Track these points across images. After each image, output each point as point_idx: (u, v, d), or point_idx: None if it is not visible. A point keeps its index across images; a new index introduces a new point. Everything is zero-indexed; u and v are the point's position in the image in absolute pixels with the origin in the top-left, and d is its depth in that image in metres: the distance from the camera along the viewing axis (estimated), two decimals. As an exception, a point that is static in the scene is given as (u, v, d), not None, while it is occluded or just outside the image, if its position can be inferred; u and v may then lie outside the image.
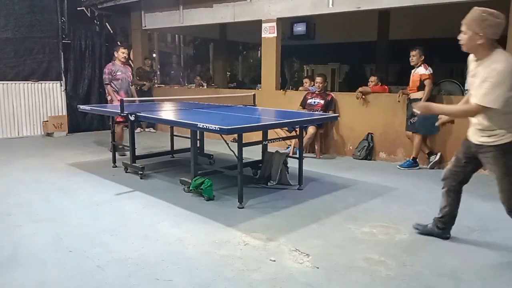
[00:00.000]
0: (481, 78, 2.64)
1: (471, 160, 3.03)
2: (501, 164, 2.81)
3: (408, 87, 5.92)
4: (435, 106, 3.03)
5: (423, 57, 5.76)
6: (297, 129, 5.06)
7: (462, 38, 2.76)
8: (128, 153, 5.78)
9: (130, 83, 6.91)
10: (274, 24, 7.38)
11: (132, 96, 6.90)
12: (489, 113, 2.70)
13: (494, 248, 3.27)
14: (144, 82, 9.45)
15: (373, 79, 6.90)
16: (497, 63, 2.61)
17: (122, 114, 5.02)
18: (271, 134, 5.74)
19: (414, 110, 3.01)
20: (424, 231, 3.44)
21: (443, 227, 3.35)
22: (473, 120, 2.87)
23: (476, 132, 2.88)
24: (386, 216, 3.90)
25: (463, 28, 2.75)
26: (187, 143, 5.14)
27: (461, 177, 3.14)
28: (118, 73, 6.66)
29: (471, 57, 2.85)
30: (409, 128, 5.91)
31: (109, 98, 6.71)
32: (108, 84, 6.65)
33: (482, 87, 2.62)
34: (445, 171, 3.25)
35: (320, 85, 6.88)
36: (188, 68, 20.31)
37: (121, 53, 6.72)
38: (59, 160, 6.32)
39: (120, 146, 6.44)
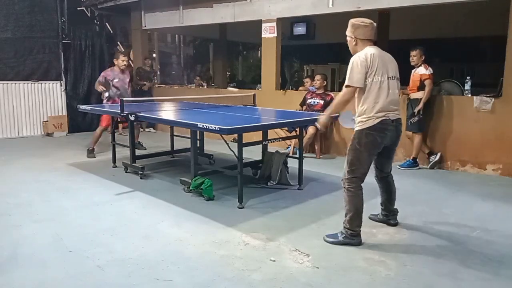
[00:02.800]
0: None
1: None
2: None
3: (408, 87, 5.92)
4: (326, 115, 3.49)
5: (423, 57, 5.77)
6: (297, 129, 5.06)
7: (348, 43, 3.37)
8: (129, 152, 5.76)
9: (128, 89, 6.73)
10: (274, 24, 7.38)
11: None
12: (359, 96, 3.22)
13: (494, 248, 3.27)
14: (144, 82, 9.45)
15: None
16: (353, 57, 3.20)
17: (122, 114, 5.02)
18: (271, 134, 5.74)
19: (318, 127, 3.52)
20: (376, 219, 3.77)
21: (385, 214, 3.72)
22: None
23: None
24: (386, 216, 3.90)
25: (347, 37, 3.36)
26: (187, 143, 5.15)
27: (377, 166, 3.59)
28: (115, 81, 6.54)
29: None
30: (409, 128, 5.91)
31: (103, 93, 6.63)
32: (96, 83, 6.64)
33: (347, 75, 3.19)
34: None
35: (318, 82, 6.86)
36: (188, 68, 20.34)
37: (121, 61, 6.58)
38: (59, 160, 6.32)
39: (91, 148, 6.61)
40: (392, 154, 3.54)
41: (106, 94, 6.59)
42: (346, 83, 3.18)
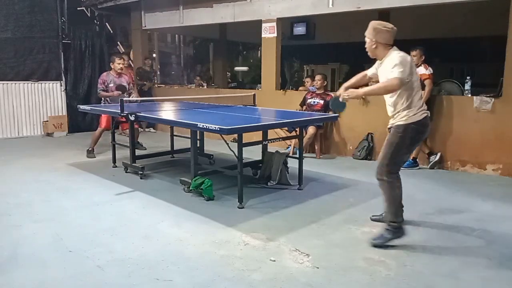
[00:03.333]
0: (390, 66, 3.19)
1: None
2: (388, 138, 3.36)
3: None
4: (361, 91, 3.47)
5: (423, 57, 5.77)
6: (297, 129, 5.06)
7: (366, 45, 3.40)
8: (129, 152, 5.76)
9: (126, 94, 6.62)
10: (274, 24, 7.38)
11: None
12: (402, 92, 3.25)
13: (494, 248, 3.27)
14: (144, 82, 9.45)
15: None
16: (394, 56, 3.25)
17: (122, 114, 5.02)
18: (271, 134, 5.74)
19: (344, 97, 3.43)
20: (381, 220, 3.66)
21: None
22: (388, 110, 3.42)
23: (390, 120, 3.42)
24: (386, 216, 3.89)
25: (366, 38, 3.38)
26: (187, 143, 5.14)
27: None
28: (110, 85, 6.50)
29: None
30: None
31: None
32: (99, 92, 6.55)
33: (394, 69, 3.15)
34: None
35: (319, 82, 6.87)
36: (188, 68, 20.33)
37: (117, 64, 6.52)
38: (59, 160, 6.32)
39: (90, 149, 6.60)
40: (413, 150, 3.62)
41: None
42: (398, 75, 3.12)
